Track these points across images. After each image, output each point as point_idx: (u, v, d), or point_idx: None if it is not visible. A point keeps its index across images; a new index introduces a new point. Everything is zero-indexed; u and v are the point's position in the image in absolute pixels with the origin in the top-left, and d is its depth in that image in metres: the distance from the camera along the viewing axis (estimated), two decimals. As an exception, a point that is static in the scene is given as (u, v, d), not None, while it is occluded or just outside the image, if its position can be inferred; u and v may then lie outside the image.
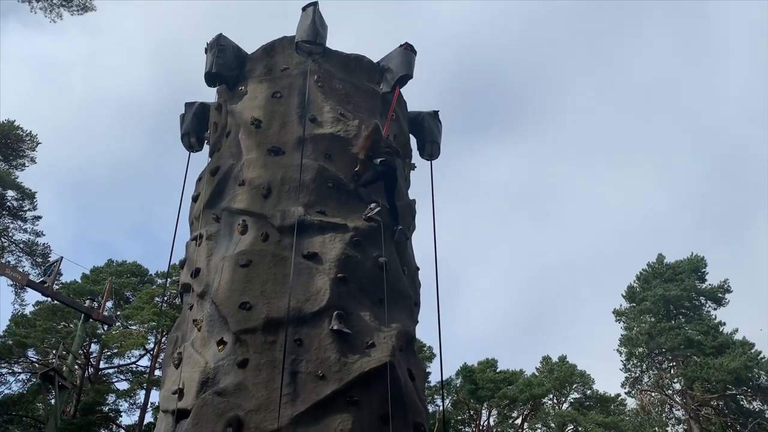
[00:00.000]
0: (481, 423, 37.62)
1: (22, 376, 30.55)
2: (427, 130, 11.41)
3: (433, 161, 11.26)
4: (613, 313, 36.06)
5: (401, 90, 10.90)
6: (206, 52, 10.87)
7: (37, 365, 29.44)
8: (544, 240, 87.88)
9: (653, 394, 33.77)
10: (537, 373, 37.73)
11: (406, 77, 10.78)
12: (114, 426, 31.17)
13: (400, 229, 9.50)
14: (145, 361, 32.25)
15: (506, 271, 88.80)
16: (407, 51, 10.87)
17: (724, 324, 32.83)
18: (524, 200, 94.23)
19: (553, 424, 34.85)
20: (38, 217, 30.03)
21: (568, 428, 34.86)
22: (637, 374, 34.30)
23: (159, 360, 29.63)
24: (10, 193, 29.38)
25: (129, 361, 32.35)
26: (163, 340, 29.22)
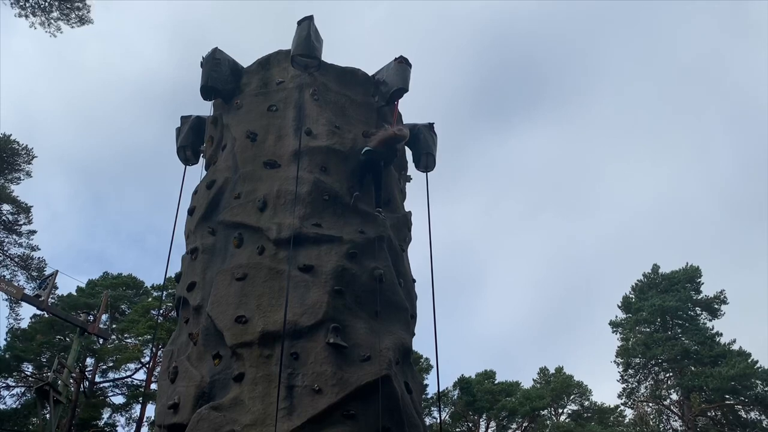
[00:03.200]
0: (479, 435, 37.45)
1: (17, 391, 30.39)
2: (422, 142, 11.45)
3: (428, 173, 11.34)
4: (610, 324, 36.11)
5: (397, 103, 11.00)
6: (201, 66, 10.92)
7: (31, 379, 29.29)
8: (557, 237, 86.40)
9: (650, 404, 33.74)
10: (536, 385, 37.65)
11: (401, 90, 10.87)
12: (109, 441, 30.93)
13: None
14: (141, 375, 32.07)
15: (516, 273, 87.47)
16: (402, 65, 10.99)
17: (721, 334, 32.90)
18: (547, 193, 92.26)
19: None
20: (33, 232, 30.09)
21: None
22: (634, 385, 34.29)
23: (155, 373, 29.46)
24: (6, 207, 29.39)
25: (125, 375, 32.16)
26: (159, 353, 29.07)
